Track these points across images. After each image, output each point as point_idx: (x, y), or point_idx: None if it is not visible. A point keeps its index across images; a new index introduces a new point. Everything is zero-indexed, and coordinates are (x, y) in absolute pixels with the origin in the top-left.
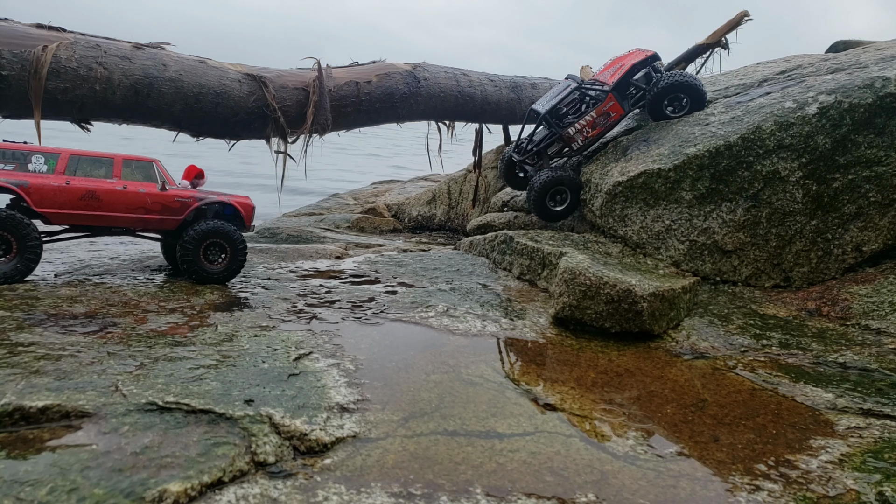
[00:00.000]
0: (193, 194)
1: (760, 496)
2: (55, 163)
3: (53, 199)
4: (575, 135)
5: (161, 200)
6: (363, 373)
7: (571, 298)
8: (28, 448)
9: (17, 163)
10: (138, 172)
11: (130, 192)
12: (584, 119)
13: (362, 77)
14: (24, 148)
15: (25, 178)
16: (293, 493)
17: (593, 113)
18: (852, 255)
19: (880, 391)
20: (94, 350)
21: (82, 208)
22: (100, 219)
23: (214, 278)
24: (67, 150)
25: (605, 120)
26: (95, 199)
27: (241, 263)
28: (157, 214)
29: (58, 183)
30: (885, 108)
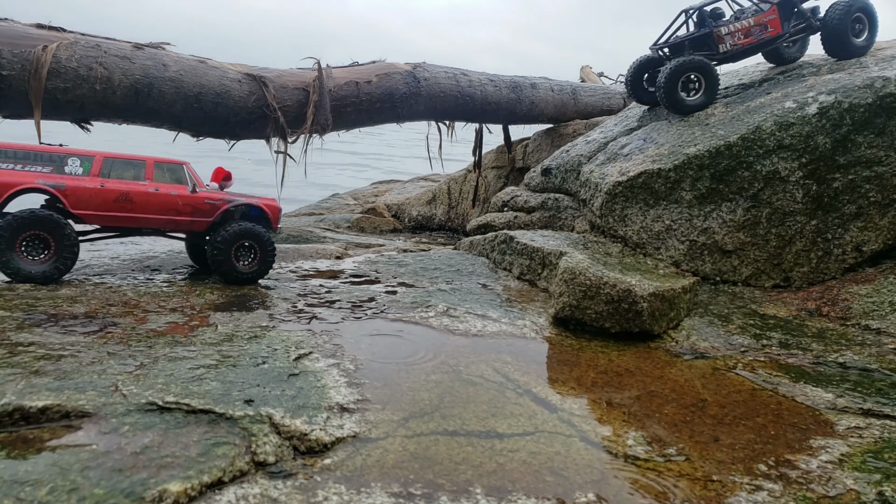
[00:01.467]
0: (223, 196)
1: (760, 496)
2: (90, 165)
3: (89, 201)
4: (725, 36)
5: (192, 202)
6: (363, 373)
7: (571, 298)
8: (28, 448)
9: (54, 165)
10: (169, 174)
11: (162, 195)
12: (740, 23)
13: (362, 77)
14: (60, 150)
15: (62, 181)
16: (293, 493)
17: (752, 19)
18: (852, 255)
19: (880, 391)
20: (94, 350)
21: (116, 210)
22: (132, 220)
23: (245, 279)
24: (102, 153)
25: (761, 32)
26: (129, 201)
27: (270, 264)
28: (188, 216)
29: (93, 185)
30: (885, 108)
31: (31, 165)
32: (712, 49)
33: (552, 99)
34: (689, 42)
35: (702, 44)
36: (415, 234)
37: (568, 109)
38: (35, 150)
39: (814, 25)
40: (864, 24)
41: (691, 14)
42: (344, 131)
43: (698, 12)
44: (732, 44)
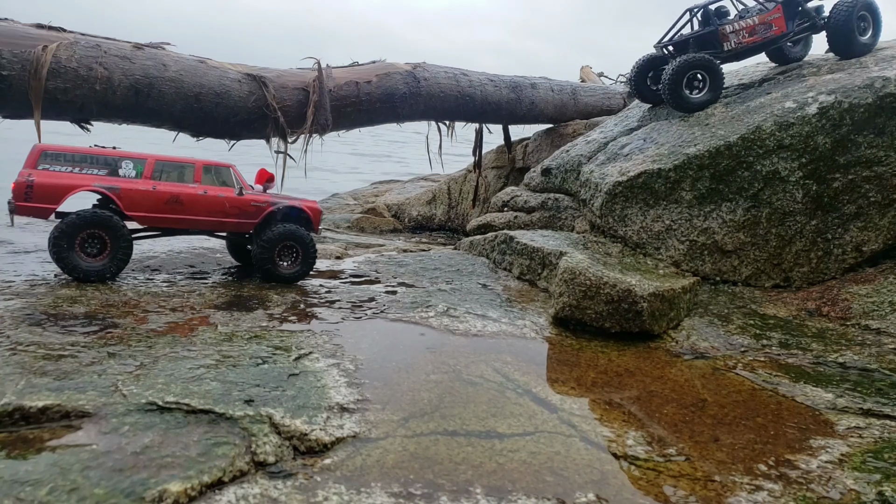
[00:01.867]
0: (267, 199)
1: (760, 496)
2: (142, 168)
3: (141, 203)
4: (730, 34)
5: (238, 205)
6: (363, 373)
7: (571, 298)
8: (28, 448)
9: (109, 168)
10: (216, 177)
11: (211, 197)
12: (745, 21)
13: (362, 77)
14: (114, 153)
15: (117, 184)
16: (293, 493)
17: (756, 18)
18: (852, 255)
19: (880, 391)
20: (94, 350)
21: (167, 212)
22: (182, 222)
23: (287, 278)
24: (153, 156)
25: (766, 31)
26: (179, 203)
27: (312, 265)
28: (235, 218)
29: (145, 188)
30: (885, 108)
31: (87, 168)
32: (717, 47)
33: (552, 99)
34: (694, 40)
35: (706, 42)
36: (415, 234)
37: (568, 109)
38: (91, 153)
39: (818, 24)
40: (869, 22)
41: (696, 12)
42: (344, 131)
43: (703, 11)
44: (737, 42)
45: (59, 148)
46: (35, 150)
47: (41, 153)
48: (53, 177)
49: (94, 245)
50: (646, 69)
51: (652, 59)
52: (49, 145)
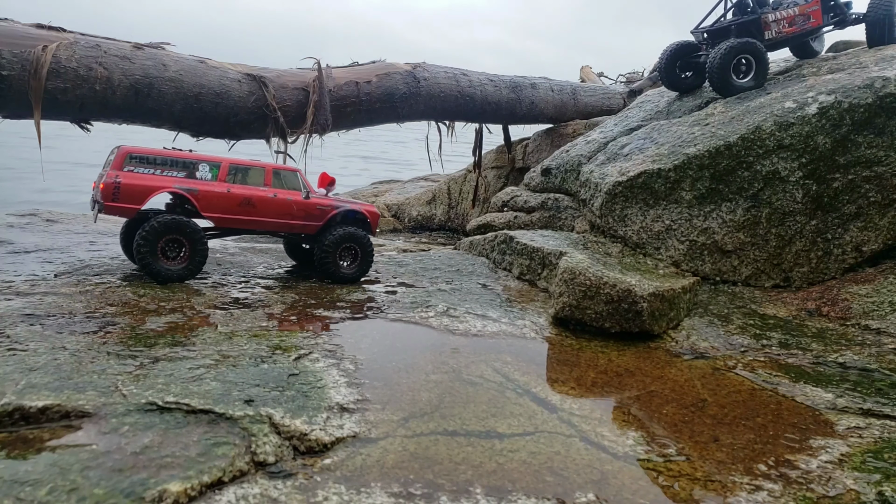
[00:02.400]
0: (331, 203)
1: (760, 496)
2: (217, 171)
3: (217, 204)
4: (772, 23)
5: (305, 208)
6: (363, 373)
7: (571, 298)
8: (28, 448)
9: (187, 170)
10: (285, 181)
11: (280, 200)
12: (786, 11)
13: (362, 77)
14: (192, 157)
15: (195, 185)
16: (293, 493)
17: (796, 9)
18: (852, 255)
19: (880, 391)
20: (94, 350)
21: (240, 213)
22: (253, 223)
23: (347, 278)
24: (227, 160)
25: (804, 22)
26: (251, 205)
27: (370, 265)
28: (301, 220)
29: (220, 190)
30: (885, 108)
31: (168, 170)
32: (757, 35)
33: (552, 99)
34: (736, 27)
35: (747, 30)
36: (415, 234)
37: (568, 109)
38: (171, 155)
39: (849, 19)
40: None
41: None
42: (344, 131)
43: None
44: (777, 31)
45: (142, 151)
46: (121, 152)
47: (126, 155)
48: (138, 178)
49: (174, 249)
50: (675, 58)
51: (682, 48)
52: (133, 148)
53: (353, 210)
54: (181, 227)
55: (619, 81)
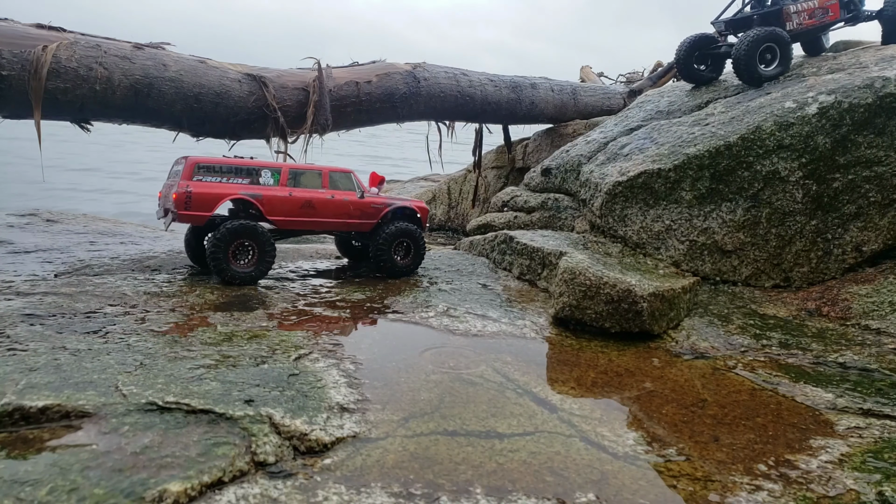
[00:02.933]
0: (384, 201)
1: (760, 496)
2: (279, 176)
3: (280, 207)
4: (793, 14)
5: (361, 207)
6: (363, 373)
7: (571, 298)
8: (28, 448)
9: (251, 177)
10: (340, 182)
11: (337, 201)
12: (806, 3)
13: (362, 77)
14: (254, 164)
15: (259, 191)
16: (293, 493)
17: (816, 2)
18: (852, 255)
19: (880, 391)
20: (94, 350)
21: (301, 215)
22: (313, 224)
23: (403, 272)
24: (287, 165)
25: (823, 15)
26: (311, 207)
27: (422, 258)
28: (358, 219)
29: (283, 194)
30: (885, 108)
31: (233, 178)
32: (778, 26)
33: (552, 99)
34: (759, 17)
35: (768, 20)
36: None
37: (568, 109)
38: (235, 163)
39: (862, 16)
40: None
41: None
42: (344, 131)
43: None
44: (798, 23)
45: (209, 160)
46: (189, 163)
47: (195, 166)
48: (207, 187)
49: (244, 253)
50: (693, 50)
51: (699, 40)
52: (201, 158)
53: (404, 206)
54: (250, 232)
55: (619, 81)
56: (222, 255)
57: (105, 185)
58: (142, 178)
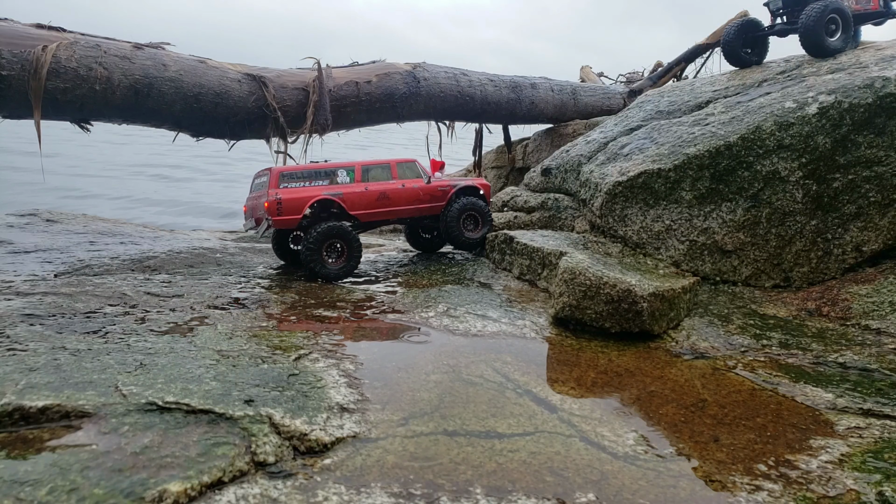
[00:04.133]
0: (449, 183)
1: (760, 496)
2: (353, 173)
3: (359, 202)
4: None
5: (429, 192)
6: (363, 373)
7: (571, 298)
8: (28, 448)
9: (329, 178)
10: (407, 171)
11: (408, 189)
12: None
13: (362, 77)
14: (330, 165)
15: (340, 189)
16: (293, 493)
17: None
18: (852, 255)
19: (880, 391)
20: (94, 350)
21: (378, 207)
22: (389, 214)
23: (473, 244)
24: (359, 162)
25: (867, 4)
26: (386, 198)
27: (490, 229)
28: (428, 203)
29: (360, 190)
30: (885, 108)
31: (315, 181)
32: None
33: (552, 99)
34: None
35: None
36: None
37: (568, 109)
38: (314, 168)
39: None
40: None
41: None
42: (344, 131)
43: None
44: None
45: (291, 169)
46: (273, 174)
47: (280, 175)
48: (294, 192)
49: (334, 252)
50: (741, 34)
51: (747, 24)
52: (283, 168)
53: (468, 186)
54: (340, 232)
55: (618, 81)
56: (316, 255)
57: (105, 185)
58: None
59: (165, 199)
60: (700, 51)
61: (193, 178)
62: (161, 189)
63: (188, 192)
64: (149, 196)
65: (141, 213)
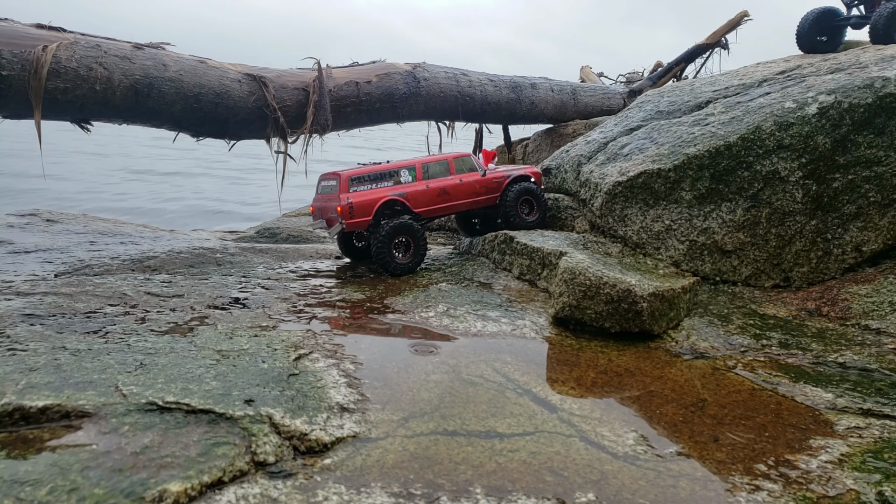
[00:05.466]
0: (503, 173)
1: (760, 496)
2: (415, 172)
3: (422, 200)
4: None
5: (485, 184)
6: (363, 373)
7: (571, 298)
8: (28, 448)
9: (393, 179)
10: (464, 165)
11: (466, 183)
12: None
13: (362, 77)
14: (392, 166)
15: (404, 189)
16: (293, 493)
17: None
18: (852, 255)
19: (880, 391)
20: (94, 350)
21: (439, 203)
22: (449, 208)
23: (530, 225)
24: (418, 160)
25: None
26: (446, 193)
27: (546, 213)
28: (485, 195)
29: (422, 188)
30: (885, 108)
31: (380, 183)
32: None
33: (552, 99)
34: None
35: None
36: None
37: (568, 109)
38: (378, 170)
39: None
40: None
41: None
42: (344, 131)
43: None
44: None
45: (357, 172)
46: (343, 179)
47: (349, 179)
48: (363, 195)
49: (403, 247)
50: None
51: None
52: (351, 171)
53: (521, 175)
54: (407, 229)
55: (618, 81)
56: (386, 250)
57: (106, 186)
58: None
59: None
60: (700, 51)
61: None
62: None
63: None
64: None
65: (141, 216)
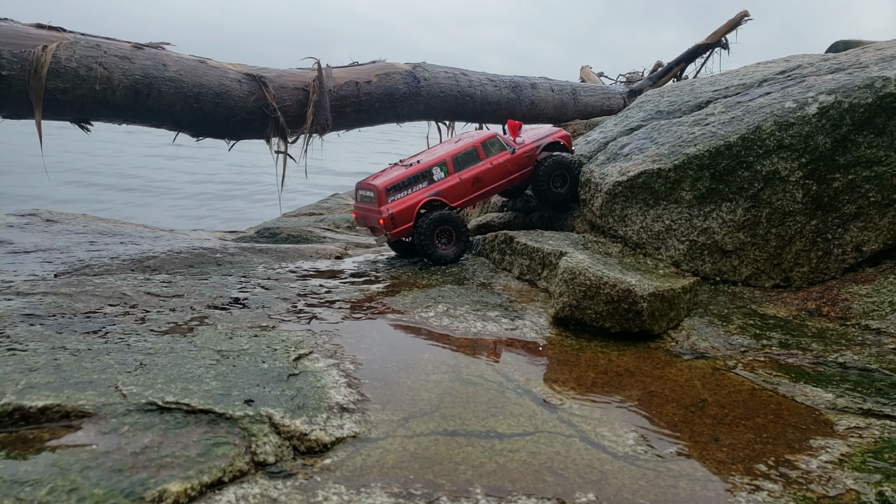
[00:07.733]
0: (532, 145)
1: (760, 496)
2: (446, 167)
3: (457, 193)
4: None
5: (517, 161)
6: (363, 373)
7: (571, 298)
8: (28, 448)
9: (427, 178)
10: (492, 148)
11: (497, 166)
12: None
13: (362, 77)
14: (424, 166)
15: (440, 187)
16: (293, 493)
17: None
18: (852, 255)
19: (880, 391)
20: (94, 350)
21: (474, 192)
22: (485, 195)
23: (562, 200)
24: (448, 154)
25: None
26: (479, 181)
27: (577, 187)
28: (517, 173)
29: (455, 182)
30: (885, 108)
31: (415, 186)
32: None
33: (552, 99)
34: None
35: None
36: None
37: (568, 109)
38: (411, 173)
39: None
40: None
41: None
42: (344, 131)
43: None
44: None
45: (392, 181)
46: (379, 190)
47: (385, 189)
48: (402, 203)
49: (445, 237)
50: None
51: None
52: (386, 182)
53: (550, 142)
54: (449, 220)
55: (618, 81)
56: (429, 241)
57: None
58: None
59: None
60: (700, 51)
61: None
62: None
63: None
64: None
65: (142, 217)
